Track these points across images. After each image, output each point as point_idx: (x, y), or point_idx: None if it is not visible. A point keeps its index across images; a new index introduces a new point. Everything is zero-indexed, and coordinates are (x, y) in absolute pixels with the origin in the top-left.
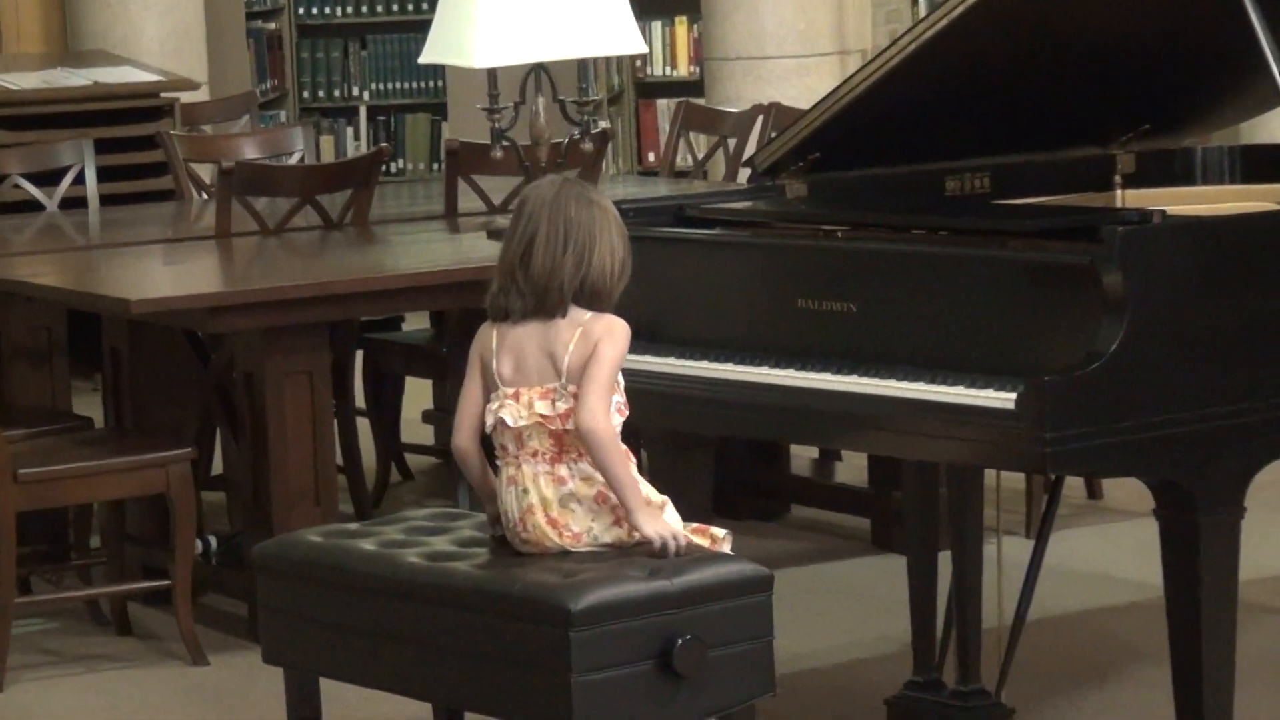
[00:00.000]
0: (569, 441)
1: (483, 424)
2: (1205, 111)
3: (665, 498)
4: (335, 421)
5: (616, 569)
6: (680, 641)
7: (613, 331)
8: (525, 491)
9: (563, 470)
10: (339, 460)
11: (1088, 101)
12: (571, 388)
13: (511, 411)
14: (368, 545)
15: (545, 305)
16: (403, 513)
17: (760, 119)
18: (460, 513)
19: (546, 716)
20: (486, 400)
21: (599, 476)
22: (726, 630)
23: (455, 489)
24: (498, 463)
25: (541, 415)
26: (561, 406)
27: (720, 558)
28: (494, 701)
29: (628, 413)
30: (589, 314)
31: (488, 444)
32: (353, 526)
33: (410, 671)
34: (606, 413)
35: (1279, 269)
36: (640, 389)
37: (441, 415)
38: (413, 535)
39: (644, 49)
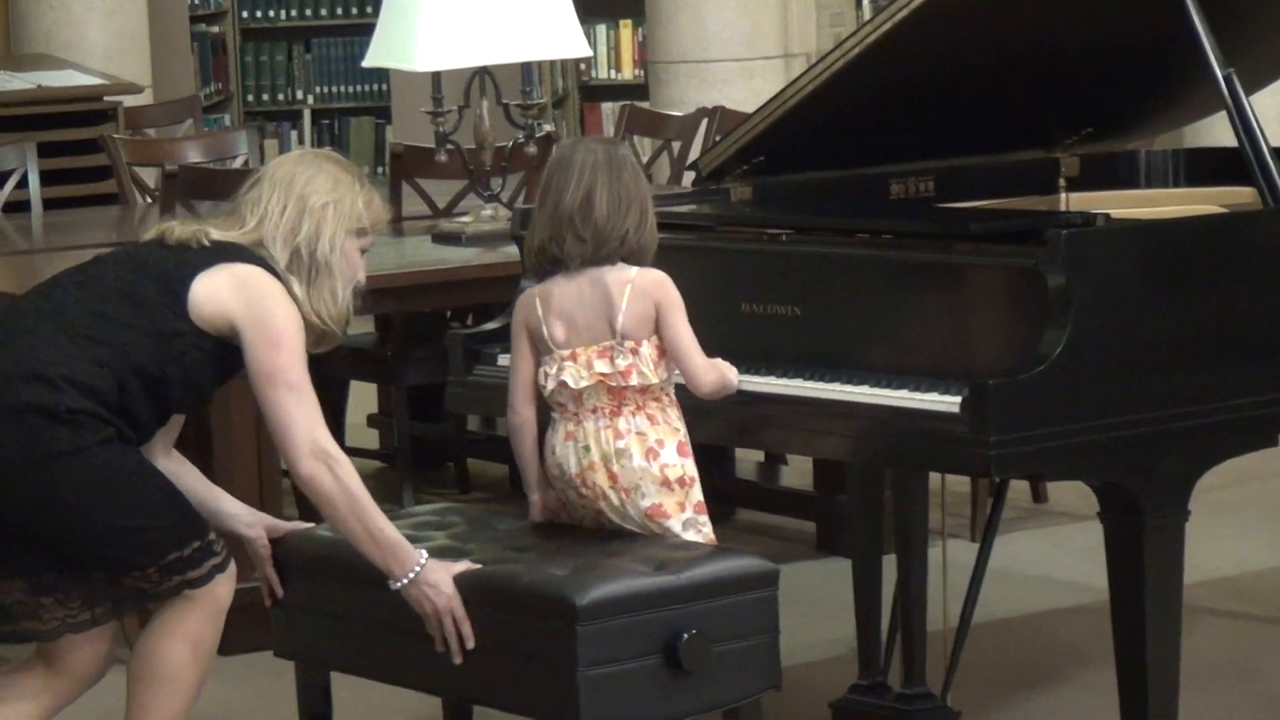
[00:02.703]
0: (628, 396)
1: (537, 391)
2: (1149, 115)
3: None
4: None
5: (623, 562)
6: (685, 636)
7: (666, 288)
8: (587, 449)
9: (621, 424)
10: (284, 465)
11: (1031, 105)
12: (629, 344)
13: (572, 373)
14: None
15: (601, 254)
16: (411, 508)
17: (705, 122)
18: (464, 507)
19: (552, 710)
20: (537, 365)
21: (651, 433)
22: (732, 625)
23: (401, 493)
24: (553, 415)
25: (602, 374)
26: (621, 363)
27: (726, 552)
28: (501, 695)
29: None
30: (632, 269)
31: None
32: None
33: (418, 665)
34: (711, 366)
35: (1222, 272)
36: None
37: (386, 419)
38: (420, 530)
39: (588, 52)
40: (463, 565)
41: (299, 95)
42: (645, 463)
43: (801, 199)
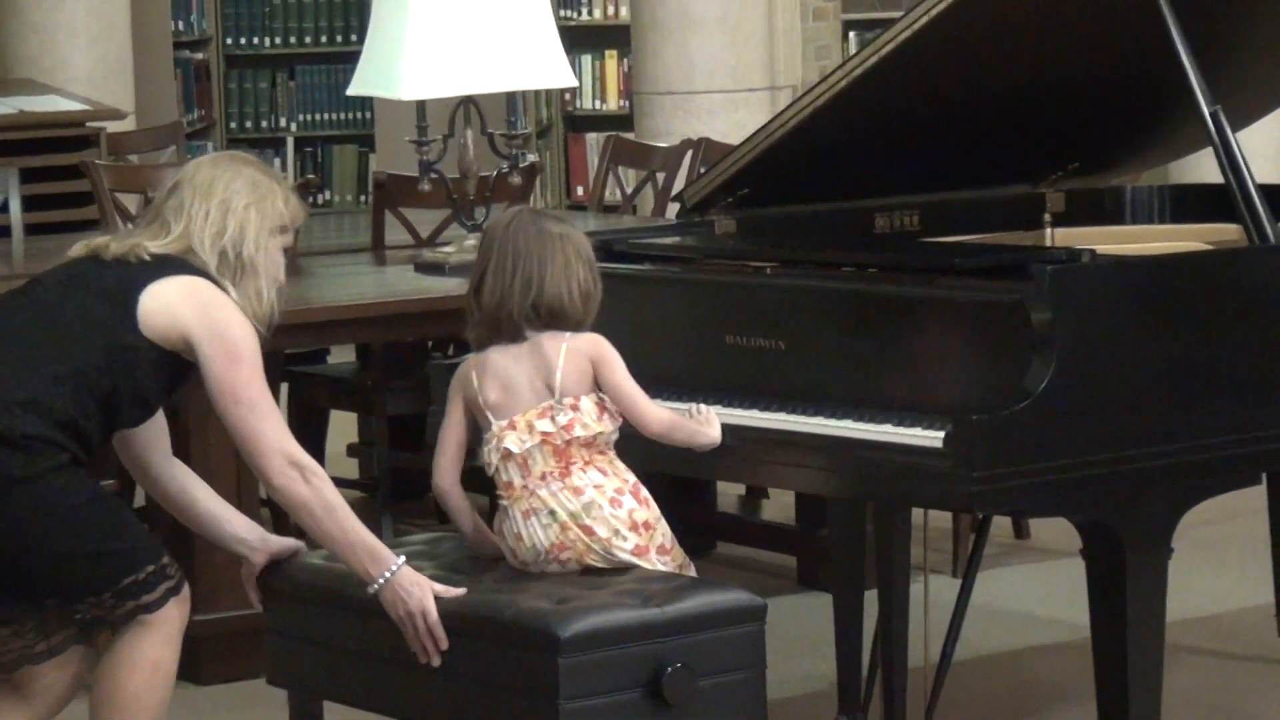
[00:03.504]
0: (573, 453)
1: (462, 461)
2: (1135, 151)
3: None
4: None
5: (608, 595)
6: (669, 670)
7: (601, 345)
8: (552, 514)
9: (576, 481)
10: (263, 494)
11: (1017, 140)
12: (568, 400)
13: (513, 439)
14: None
15: (500, 331)
16: (404, 537)
17: (690, 154)
18: (457, 537)
19: None
20: (469, 437)
21: (608, 484)
22: (717, 659)
23: (380, 523)
24: (502, 503)
25: (545, 432)
26: (562, 419)
27: (713, 586)
28: None
29: (621, 420)
30: (566, 333)
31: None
32: None
33: (405, 695)
34: (656, 408)
35: (1207, 309)
36: None
37: (366, 449)
38: (411, 559)
39: (573, 82)
40: (444, 588)
41: (282, 123)
42: (614, 509)
43: (786, 232)
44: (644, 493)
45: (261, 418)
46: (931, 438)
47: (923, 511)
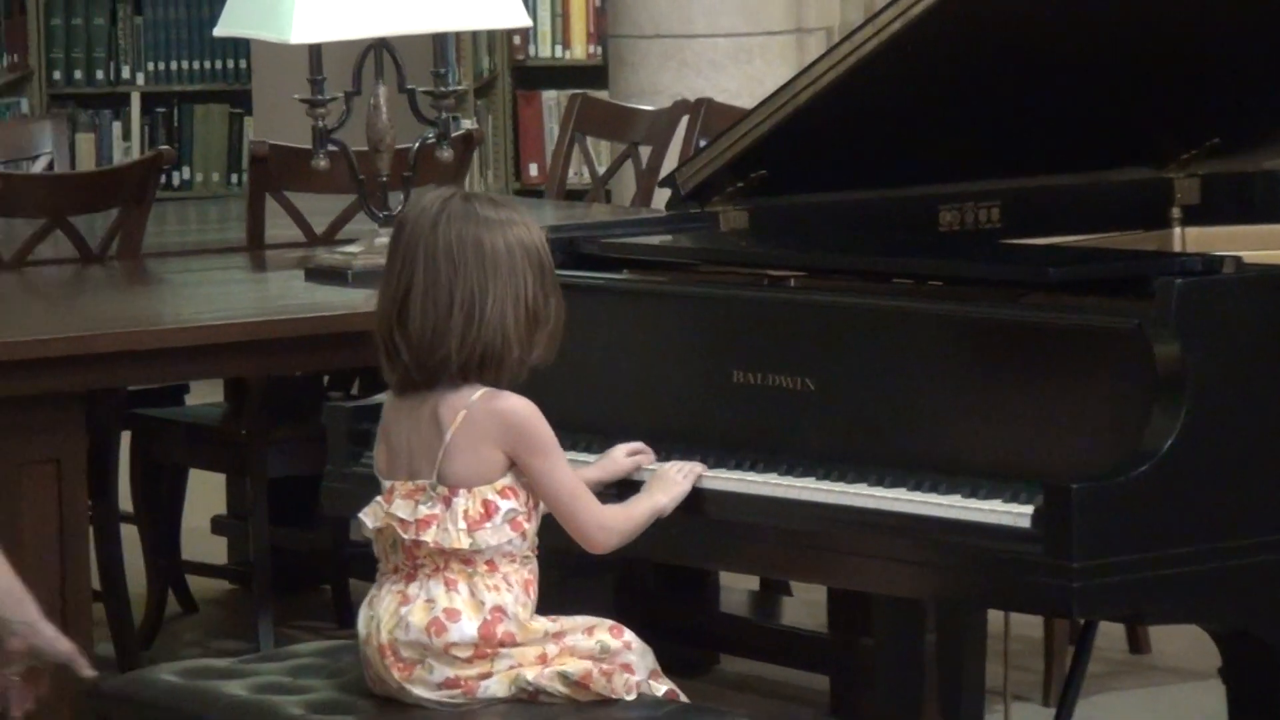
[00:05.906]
0: (422, 556)
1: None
2: None
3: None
4: (91, 529)
5: None
6: None
7: (520, 427)
8: (372, 618)
9: (412, 589)
10: (95, 583)
11: (1138, 105)
12: (443, 490)
13: (372, 511)
14: (239, 690)
15: (427, 379)
16: (289, 646)
17: (685, 120)
18: (355, 646)
19: None
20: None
21: (442, 600)
22: None
23: (256, 624)
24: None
25: (398, 519)
26: (424, 510)
27: (713, 715)
28: None
29: (528, 526)
30: (478, 390)
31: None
32: (221, 664)
33: None
34: (599, 514)
35: None
36: None
37: (238, 523)
38: (298, 677)
39: (527, 22)
40: None
41: (125, 74)
42: (426, 637)
43: (816, 230)
44: (506, 620)
45: None
46: (1016, 514)
47: (1003, 616)
